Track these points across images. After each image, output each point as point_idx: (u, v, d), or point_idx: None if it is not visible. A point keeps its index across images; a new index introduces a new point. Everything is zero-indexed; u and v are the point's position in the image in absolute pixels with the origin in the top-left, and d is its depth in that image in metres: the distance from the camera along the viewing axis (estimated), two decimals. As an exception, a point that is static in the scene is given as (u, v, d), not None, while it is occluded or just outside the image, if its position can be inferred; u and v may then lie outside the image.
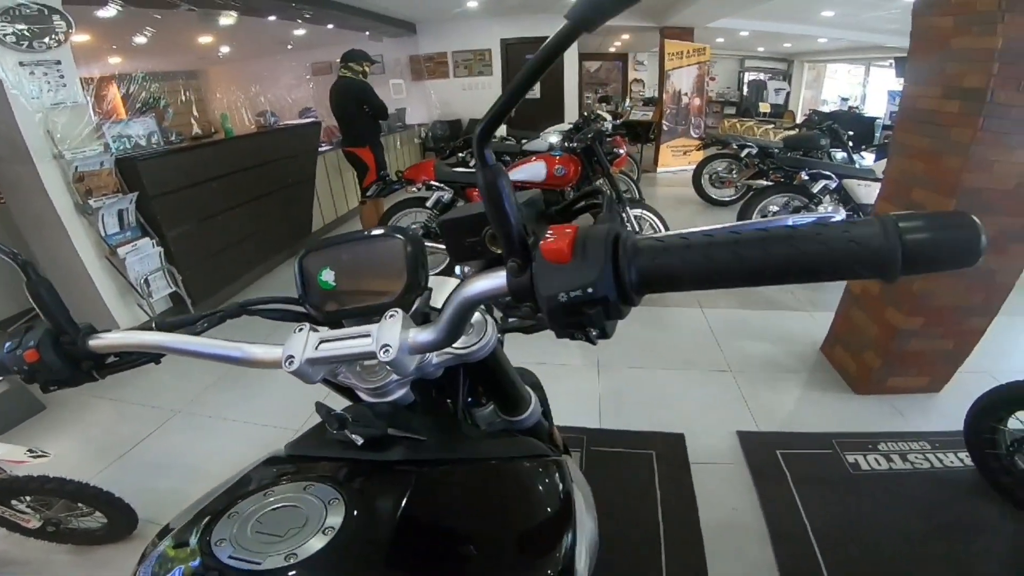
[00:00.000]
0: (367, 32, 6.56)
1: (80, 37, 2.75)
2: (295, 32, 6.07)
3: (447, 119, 7.72)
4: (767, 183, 3.80)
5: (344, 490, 0.49)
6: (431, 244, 3.03)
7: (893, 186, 2.07)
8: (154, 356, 0.62)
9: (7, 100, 2.44)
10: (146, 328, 0.61)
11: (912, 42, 1.90)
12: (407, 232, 0.59)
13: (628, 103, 5.89)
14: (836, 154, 4.51)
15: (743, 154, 4.50)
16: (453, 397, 0.69)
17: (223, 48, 6.48)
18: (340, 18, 5.65)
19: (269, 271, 4.15)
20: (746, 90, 13.23)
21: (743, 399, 2.26)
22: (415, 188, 3.36)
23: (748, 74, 13.34)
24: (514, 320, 0.85)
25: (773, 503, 1.72)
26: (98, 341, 0.59)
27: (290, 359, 0.49)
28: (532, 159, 3.32)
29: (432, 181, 3.29)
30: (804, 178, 3.51)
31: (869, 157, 4.94)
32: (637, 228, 3.26)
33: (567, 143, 3.36)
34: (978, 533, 1.60)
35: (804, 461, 1.89)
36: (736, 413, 2.17)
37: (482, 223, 0.56)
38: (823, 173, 3.51)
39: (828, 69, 12.30)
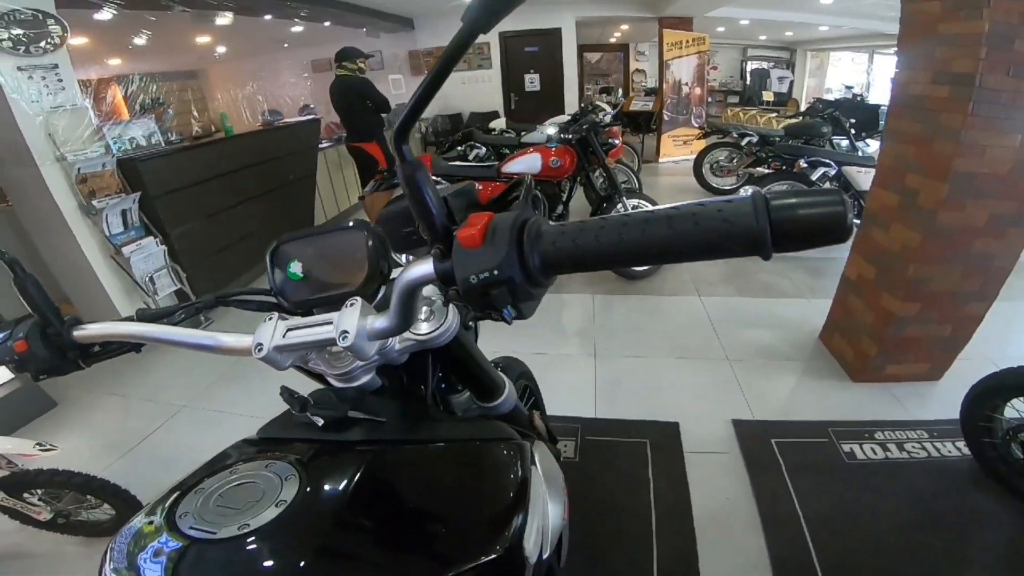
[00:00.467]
0: (364, 28, 6.57)
1: (77, 40, 2.78)
2: (292, 30, 6.08)
3: (448, 113, 7.72)
4: (766, 171, 3.78)
5: (301, 467, 0.52)
6: None
7: (886, 172, 2.07)
8: (135, 345, 0.65)
9: (7, 104, 2.47)
10: (127, 320, 0.63)
11: (901, 28, 1.89)
12: (369, 226, 0.62)
13: (621, 93, 5.88)
14: (840, 142, 4.48)
15: (743, 143, 4.49)
16: (426, 384, 0.71)
17: (221, 48, 6.53)
18: (336, 15, 5.65)
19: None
20: (749, 79, 13.12)
21: (739, 387, 2.26)
22: None
23: (751, 63, 13.23)
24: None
25: (766, 492, 1.73)
26: (82, 332, 0.63)
27: (259, 346, 0.53)
28: (528, 151, 3.33)
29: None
30: (803, 166, 3.50)
31: (873, 144, 4.90)
32: None
33: (563, 135, 3.36)
34: (973, 523, 1.58)
35: (799, 450, 1.89)
36: (732, 402, 2.18)
37: (407, 217, 0.60)
38: (822, 160, 3.49)
39: (832, 57, 12.16)
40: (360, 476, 0.52)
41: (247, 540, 0.44)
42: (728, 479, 1.81)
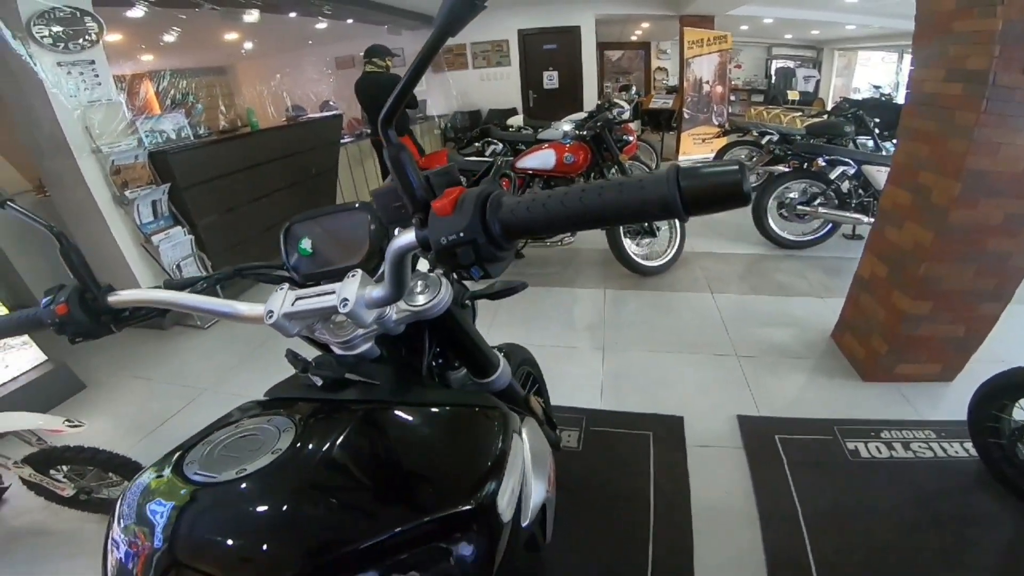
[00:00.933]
0: (386, 26, 6.66)
1: (112, 37, 2.92)
2: (316, 27, 6.21)
3: (467, 110, 7.79)
4: (784, 169, 3.75)
5: (298, 421, 0.58)
6: None
7: (900, 169, 2.05)
8: (161, 311, 0.72)
9: (48, 99, 2.61)
10: (156, 288, 0.70)
11: (916, 25, 1.88)
12: (371, 207, 0.68)
13: (634, 90, 5.89)
14: (865, 142, 4.41)
15: (764, 141, 4.45)
16: (422, 356, 0.76)
17: (248, 44, 6.69)
18: (359, 13, 5.76)
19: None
20: (774, 78, 12.90)
21: (747, 384, 2.27)
22: None
23: (776, 62, 13.00)
24: (480, 289, 0.94)
25: (766, 487, 1.73)
26: (116, 297, 0.70)
27: (270, 313, 0.59)
28: (543, 147, 3.36)
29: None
30: (822, 164, 3.46)
31: (898, 144, 4.80)
32: None
33: (578, 131, 3.39)
34: (974, 524, 1.57)
35: (802, 446, 1.89)
36: (738, 398, 2.19)
37: (396, 193, 0.67)
38: (841, 159, 3.45)
39: (860, 56, 11.87)
40: (350, 430, 0.57)
41: (243, 482, 0.50)
42: (729, 474, 1.82)
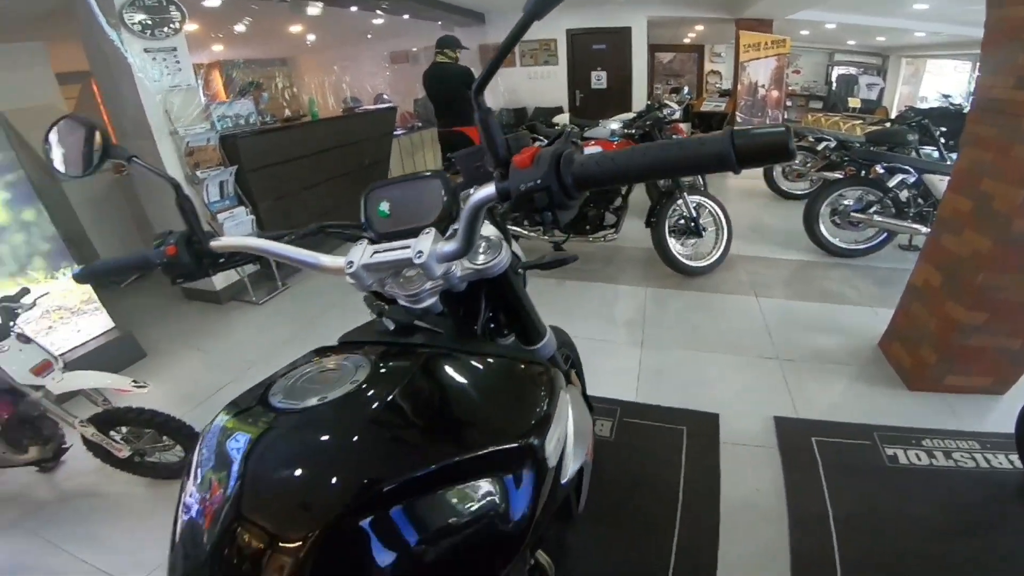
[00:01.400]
0: (439, 22, 6.82)
1: (189, 26, 3.17)
2: (373, 22, 6.42)
3: (513, 107, 7.88)
4: (839, 176, 3.65)
5: (371, 360, 0.65)
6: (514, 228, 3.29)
7: (962, 176, 1.99)
8: (254, 258, 0.81)
9: (134, 83, 2.85)
10: (251, 236, 0.80)
11: (986, 33, 1.83)
12: (444, 175, 0.76)
13: (687, 91, 5.80)
14: (930, 152, 4.21)
15: (820, 147, 4.31)
16: (478, 317, 0.84)
17: (310, 36, 6.98)
18: (414, 8, 5.92)
19: (344, 242, 4.51)
20: (835, 84, 12.40)
21: (786, 386, 2.25)
22: None
23: (838, 68, 12.49)
24: (532, 260, 1.01)
25: (798, 487, 1.72)
26: (217, 242, 0.80)
27: (350, 263, 0.68)
28: (589, 144, 3.40)
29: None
30: (880, 171, 3.35)
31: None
32: (693, 214, 3.27)
33: (626, 130, 3.40)
34: (1010, 535, 1.53)
35: (839, 450, 1.87)
36: (776, 400, 2.17)
37: (480, 153, 0.74)
38: (901, 167, 3.33)
39: (929, 65, 11.27)
40: (416, 370, 0.64)
41: (322, 409, 0.57)
42: (761, 472, 1.81)
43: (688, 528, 1.61)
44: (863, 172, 3.47)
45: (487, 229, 0.78)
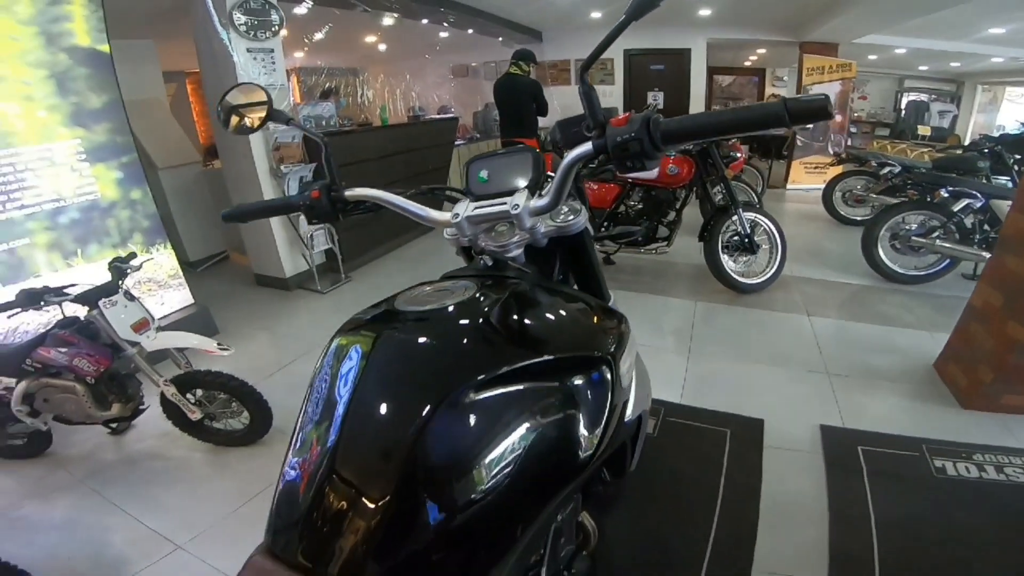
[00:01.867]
0: (500, 38, 7.11)
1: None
2: (440, 35, 6.77)
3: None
4: (902, 199, 3.58)
5: (476, 285, 0.78)
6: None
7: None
8: (376, 208, 0.98)
9: (236, 80, 3.18)
10: (375, 189, 0.96)
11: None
12: (534, 149, 0.92)
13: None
14: (1004, 182, 4.04)
15: (883, 172, 4.22)
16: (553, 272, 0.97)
17: (381, 47, 7.42)
18: (478, 24, 6.22)
19: (405, 244, 4.77)
20: (903, 111, 11.95)
21: (834, 399, 2.25)
22: None
23: (908, 94, 12.05)
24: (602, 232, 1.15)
25: (841, 491, 1.73)
26: (350, 192, 0.97)
27: (455, 215, 0.84)
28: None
29: (549, 172, 3.61)
30: (944, 195, 3.28)
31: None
32: (748, 231, 3.27)
33: (684, 146, 3.47)
34: None
35: (885, 459, 1.87)
36: (824, 411, 2.17)
37: (579, 120, 0.88)
38: (967, 191, 3.24)
39: (1008, 92, 10.71)
40: (512, 291, 0.78)
41: (442, 312, 0.71)
42: (804, 476, 1.82)
43: (726, 521, 1.64)
44: (927, 197, 3.40)
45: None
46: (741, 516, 1.67)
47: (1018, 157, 4.25)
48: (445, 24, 6.04)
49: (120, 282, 1.94)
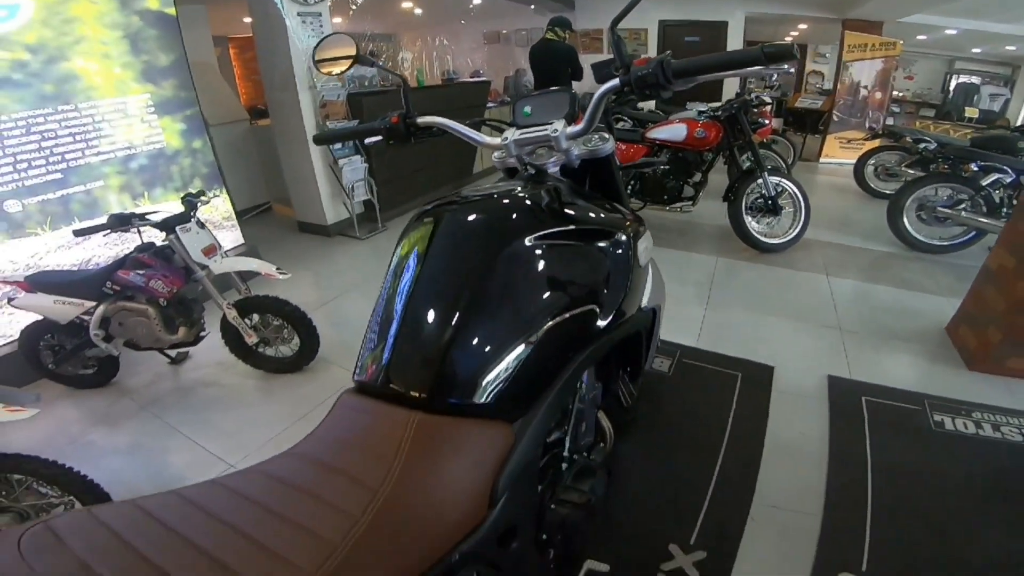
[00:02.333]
0: (532, 6, 7.08)
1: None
2: (474, 2, 6.79)
3: (592, 92, 8.05)
4: (933, 173, 3.58)
5: (522, 183, 0.98)
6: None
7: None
8: (439, 133, 1.16)
9: (288, 42, 3.37)
10: (439, 116, 1.13)
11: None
12: (570, 89, 1.09)
13: (775, 77, 5.72)
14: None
15: (919, 147, 4.18)
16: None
17: (417, 11, 7.49)
18: (512, -10, 6.27)
19: (439, 197, 4.97)
20: (952, 93, 11.48)
21: (844, 353, 2.35)
22: None
23: (958, 76, 11.55)
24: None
25: (842, 437, 1.82)
26: (422, 119, 1.16)
27: (504, 138, 1.03)
28: (675, 120, 3.56)
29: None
30: (974, 169, 3.28)
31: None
32: (773, 193, 3.35)
33: (713, 112, 3.53)
34: None
35: (888, 410, 1.95)
36: (833, 363, 2.27)
37: (609, 63, 1.13)
38: (997, 167, 3.24)
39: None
40: (552, 186, 0.96)
41: (501, 193, 0.92)
42: (808, 421, 1.92)
43: (732, 456, 1.76)
44: (958, 171, 3.40)
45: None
46: (746, 451, 1.78)
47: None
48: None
49: (192, 212, 2.14)
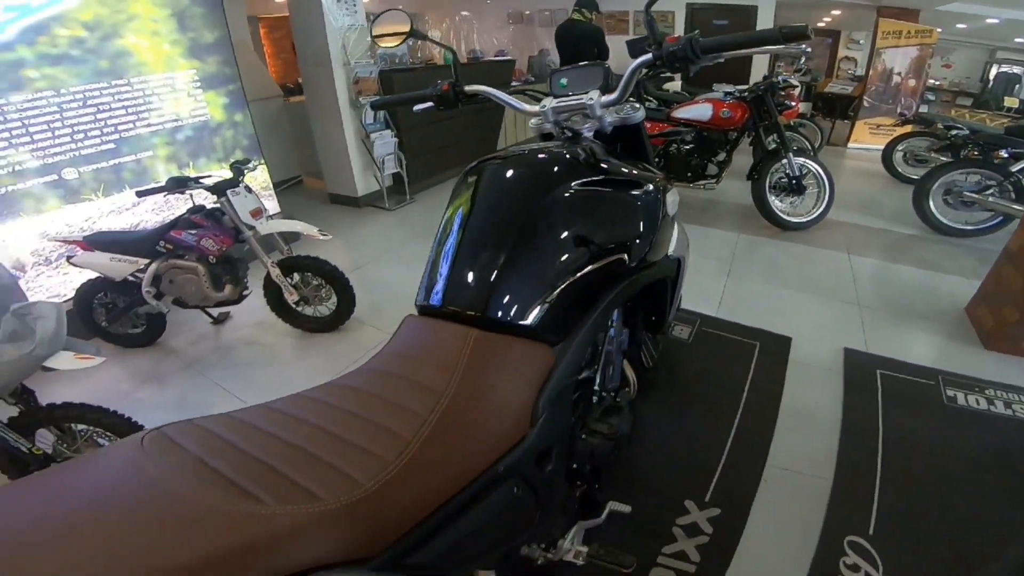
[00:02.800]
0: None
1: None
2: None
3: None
4: (949, 159, 3.55)
5: (559, 144, 1.07)
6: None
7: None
8: (483, 101, 1.26)
9: (323, 20, 3.48)
10: (483, 86, 1.24)
11: None
12: (603, 63, 1.17)
13: (803, 60, 5.64)
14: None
15: (950, 134, 4.13)
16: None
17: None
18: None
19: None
20: (991, 83, 11.12)
21: (862, 328, 2.39)
22: None
23: (1000, 66, 11.17)
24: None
25: (855, 407, 1.88)
26: (469, 87, 1.26)
27: (543, 106, 1.13)
28: (701, 100, 3.59)
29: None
30: (1004, 155, 3.25)
31: None
32: (797, 173, 3.36)
33: (739, 93, 3.54)
34: None
35: (902, 384, 2.00)
36: (850, 337, 2.31)
37: (643, 40, 1.24)
38: (1028, 152, 3.21)
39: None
40: (588, 145, 1.06)
41: (544, 148, 1.02)
42: (823, 390, 1.98)
43: (747, 420, 1.83)
44: (987, 158, 3.37)
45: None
46: (761, 417, 1.85)
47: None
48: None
49: (240, 178, 2.28)
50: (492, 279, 0.87)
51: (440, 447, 0.66)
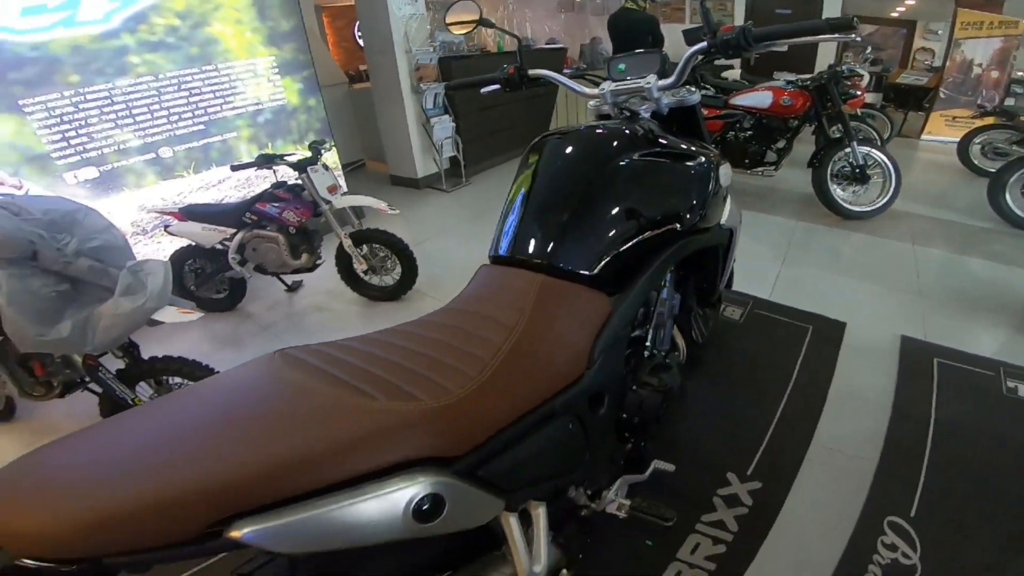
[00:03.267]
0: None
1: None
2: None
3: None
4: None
5: (618, 121, 1.17)
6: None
7: None
8: (544, 84, 1.36)
9: (386, 10, 3.65)
10: (544, 71, 1.34)
11: None
12: (661, 50, 1.25)
13: (869, 50, 5.39)
14: None
15: (1034, 127, 3.90)
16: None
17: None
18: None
19: (518, 156, 5.22)
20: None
21: (921, 317, 2.32)
22: None
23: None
24: None
25: (908, 393, 1.84)
26: (532, 71, 1.36)
27: (602, 89, 1.22)
28: (761, 88, 3.53)
29: None
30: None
31: None
32: (861, 162, 3.27)
33: (801, 81, 3.47)
34: None
35: (959, 372, 1.93)
36: (908, 325, 2.24)
37: (699, 29, 1.23)
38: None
39: None
40: (646, 123, 1.14)
41: (609, 124, 1.11)
42: (876, 376, 1.94)
43: (795, 400, 1.83)
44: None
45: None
46: (810, 397, 1.85)
47: None
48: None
49: (318, 156, 2.48)
50: (557, 233, 0.98)
51: (511, 372, 0.76)
